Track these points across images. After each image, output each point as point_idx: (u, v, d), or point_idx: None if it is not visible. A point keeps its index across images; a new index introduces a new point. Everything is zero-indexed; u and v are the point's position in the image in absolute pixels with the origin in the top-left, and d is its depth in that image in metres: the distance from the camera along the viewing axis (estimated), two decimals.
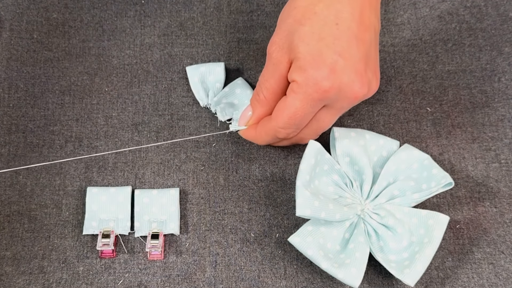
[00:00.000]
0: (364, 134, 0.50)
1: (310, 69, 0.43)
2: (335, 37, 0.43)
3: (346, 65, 0.43)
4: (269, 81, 0.46)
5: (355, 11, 0.44)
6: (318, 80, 0.42)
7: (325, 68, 0.43)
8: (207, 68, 0.54)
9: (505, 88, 0.56)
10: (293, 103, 0.44)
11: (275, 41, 0.45)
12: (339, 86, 0.43)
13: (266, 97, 0.47)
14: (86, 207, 0.49)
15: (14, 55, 0.56)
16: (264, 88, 0.47)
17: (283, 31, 0.45)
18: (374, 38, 0.45)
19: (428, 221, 0.47)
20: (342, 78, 0.43)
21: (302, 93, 0.43)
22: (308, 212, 0.45)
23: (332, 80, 0.43)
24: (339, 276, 0.44)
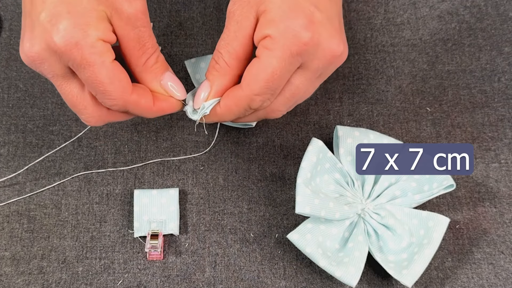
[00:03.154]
0: (368, 134, 0.50)
1: (286, 19, 0.37)
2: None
3: (323, 17, 0.38)
4: (231, 44, 0.40)
5: None
6: (296, 30, 0.37)
7: (304, 18, 0.37)
8: (207, 63, 0.54)
9: (505, 88, 0.56)
10: (269, 62, 0.38)
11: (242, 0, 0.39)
12: (318, 39, 0.38)
13: (229, 63, 0.40)
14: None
15: (13, 55, 0.56)
16: (226, 52, 0.40)
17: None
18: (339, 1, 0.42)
19: (428, 222, 0.47)
20: (321, 31, 0.38)
21: (279, 48, 0.38)
22: (307, 210, 0.44)
23: (312, 32, 0.38)
24: (337, 274, 0.44)
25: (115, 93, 0.38)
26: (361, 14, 0.59)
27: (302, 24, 0.38)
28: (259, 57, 0.39)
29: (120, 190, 0.51)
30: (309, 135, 0.53)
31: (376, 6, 0.60)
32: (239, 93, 0.40)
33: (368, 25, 0.59)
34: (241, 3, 0.39)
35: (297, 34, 0.37)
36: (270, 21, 0.38)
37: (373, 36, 0.58)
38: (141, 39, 0.39)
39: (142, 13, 0.38)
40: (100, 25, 0.37)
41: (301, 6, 0.38)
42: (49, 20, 0.36)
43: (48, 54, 0.37)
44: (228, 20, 0.40)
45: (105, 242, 0.49)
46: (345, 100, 0.55)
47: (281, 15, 0.38)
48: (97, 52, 0.36)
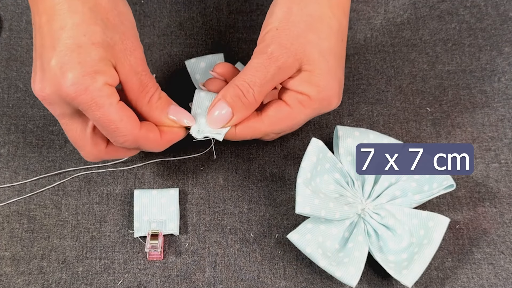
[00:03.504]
0: (368, 134, 0.50)
1: (328, 89, 0.42)
2: (342, 56, 0.43)
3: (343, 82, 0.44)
4: (265, 86, 0.42)
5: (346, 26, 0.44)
6: (331, 99, 0.43)
7: (337, 88, 0.43)
8: (207, 63, 0.54)
9: (505, 88, 0.56)
10: (299, 116, 0.43)
11: (285, 44, 0.41)
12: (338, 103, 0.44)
13: (258, 100, 0.43)
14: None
15: (13, 55, 0.56)
16: (258, 91, 0.42)
17: (296, 37, 0.41)
18: None
19: (428, 222, 0.47)
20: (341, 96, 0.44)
21: (312, 109, 0.43)
22: (307, 210, 0.45)
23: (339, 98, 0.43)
24: (337, 274, 0.44)
25: (125, 129, 0.41)
26: (361, 14, 0.59)
27: (335, 93, 0.43)
28: (290, 107, 0.43)
29: (120, 190, 0.51)
30: (309, 135, 0.53)
31: (376, 6, 0.60)
32: (259, 126, 0.44)
33: (368, 25, 0.59)
34: (287, 52, 0.41)
35: (330, 103, 0.43)
36: (315, 84, 0.42)
37: (373, 36, 0.58)
38: (143, 82, 0.42)
39: (141, 60, 0.42)
40: (106, 72, 0.39)
41: (339, 75, 0.43)
42: (59, 67, 0.38)
43: (58, 97, 0.39)
44: (268, 60, 0.42)
45: (105, 242, 0.49)
46: (345, 100, 0.55)
47: (326, 83, 0.42)
48: (105, 95, 0.39)
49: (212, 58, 0.54)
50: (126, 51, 0.41)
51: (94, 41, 0.39)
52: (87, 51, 0.39)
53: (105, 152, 0.45)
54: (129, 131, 0.41)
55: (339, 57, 0.43)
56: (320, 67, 0.42)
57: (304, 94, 0.42)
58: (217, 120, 0.44)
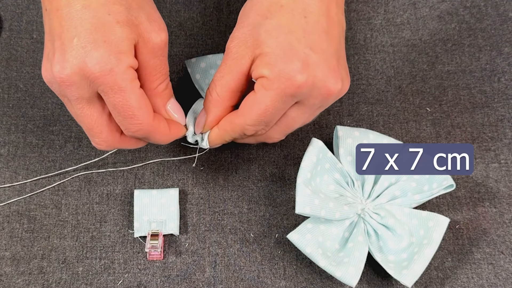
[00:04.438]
0: (368, 134, 0.50)
1: (281, 63, 0.40)
2: (305, 31, 0.41)
3: (318, 59, 0.40)
4: (225, 78, 0.43)
5: (322, 5, 0.41)
6: (291, 74, 0.40)
7: (298, 62, 0.40)
8: (207, 63, 0.54)
9: (505, 88, 0.56)
10: (264, 100, 0.41)
11: (236, 35, 0.42)
12: (312, 81, 0.40)
13: (220, 95, 0.43)
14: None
15: (13, 55, 0.56)
16: (219, 85, 0.43)
17: (246, 26, 0.42)
18: (342, 35, 0.44)
19: (428, 222, 0.47)
20: (316, 72, 0.40)
21: (273, 89, 0.41)
22: (307, 210, 0.45)
23: (306, 74, 0.40)
24: (337, 274, 0.44)
25: (142, 118, 0.40)
26: (361, 14, 0.59)
27: (296, 68, 0.40)
28: (256, 93, 0.42)
29: (120, 190, 0.51)
30: (309, 135, 0.53)
31: (376, 6, 0.60)
32: (235, 120, 0.43)
33: (368, 25, 0.59)
34: (238, 42, 0.42)
35: (291, 78, 0.40)
36: (266, 64, 0.40)
37: (373, 36, 0.58)
38: (159, 67, 0.42)
39: (165, 44, 0.41)
40: (130, 53, 0.39)
41: (296, 50, 0.40)
42: (83, 46, 0.37)
43: (79, 78, 0.38)
44: (225, 55, 0.43)
45: (105, 242, 0.49)
46: (345, 100, 0.55)
47: (276, 59, 0.40)
48: (128, 79, 0.39)
49: (212, 58, 0.54)
50: (152, 32, 0.40)
51: (119, 19, 0.38)
52: (113, 30, 0.38)
53: (120, 140, 0.43)
54: (145, 120, 0.40)
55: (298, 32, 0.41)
56: (267, 45, 0.40)
57: (262, 77, 0.41)
58: (198, 123, 0.46)
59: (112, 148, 0.44)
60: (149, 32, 0.40)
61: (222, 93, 0.43)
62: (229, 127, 0.44)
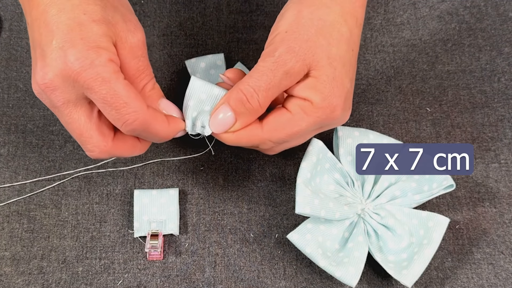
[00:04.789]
0: (368, 134, 0.50)
1: (333, 96, 0.40)
2: (351, 65, 0.41)
3: (351, 93, 0.42)
4: (272, 90, 0.40)
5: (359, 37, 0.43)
6: (335, 108, 0.40)
7: (343, 97, 0.41)
8: (207, 63, 0.54)
9: (505, 88, 0.56)
10: (300, 123, 0.41)
11: (294, 48, 0.40)
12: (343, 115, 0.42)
13: (262, 106, 0.41)
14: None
15: (13, 55, 0.56)
16: (263, 96, 0.40)
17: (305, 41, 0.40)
18: None
19: (428, 222, 0.47)
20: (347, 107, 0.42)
21: (315, 117, 0.40)
22: (307, 210, 0.45)
23: (344, 110, 0.41)
24: (336, 274, 0.44)
25: (135, 104, 0.38)
26: None
27: (340, 103, 0.41)
28: (292, 113, 0.41)
29: (120, 190, 0.51)
30: None
31: (376, 6, 0.60)
32: (257, 133, 0.42)
33: (368, 25, 0.59)
34: (295, 56, 0.40)
35: (334, 111, 0.41)
36: (318, 91, 0.40)
37: (373, 36, 0.58)
38: (140, 68, 0.41)
39: (142, 43, 0.41)
40: (109, 48, 0.38)
41: (345, 84, 0.41)
42: (61, 47, 0.37)
43: (61, 80, 0.37)
44: (275, 64, 0.40)
45: (105, 242, 0.49)
46: None
47: (331, 90, 0.40)
48: (111, 70, 0.38)
49: (212, 58, 0.55)
50: (128, 32, 0.39)
51: (95, 18, 0.38)
52: (89, 28, 0.37)
53: (112, 145, 0.41)
54: (139, 106, 0.38)
55: (348, 66, 0.41)
56: (326, 73, 0.40)
57: (307, 100, 0.40)
58: (220, 124, 0.42)
59: (106, 155, 0.41)
60: (125, 31, 0.39)
61: (265, 104, 0.41)
62: (246, 138, 0.43)
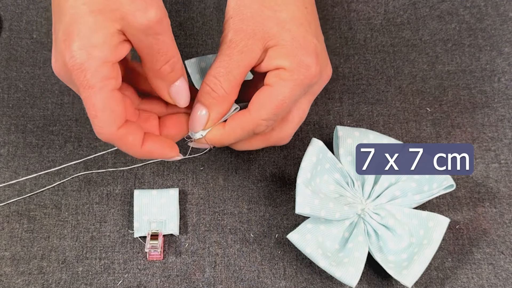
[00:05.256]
0: (368, 134, 0.50)
1: (301, 54, 0.41)
2: (309, 22, 0.42)
3: (321, 48, 0.43)
4: (232, 72, 0.41)
5: None
6: (309, 65, 0.41)
7: (312, 53, 0.41)
8: (207, 63, 0.54)
9: (505, 88, 0.56)
10: (282, 91, 0.41)
11: (241, 27, 0.41)
12: (320, 69, 0.42)
13: (228, 91, 0.41)
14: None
15: (13, 55, 0.56)
16: (226, 80, 0.41)
17: (250, 18, 0.41)
18: None
19: (428, 222, 0.47)
20: (321, 61, 0.42)
21: (293, 80, 0.41)
22: (307, 210, 0.45)
23: (318, 64, 0.42)
24: (337, 275, 0.44)
25: (102, 123, 0.38)
26: (361, 14, 0.59)
27: (312, 59, 0.41)
28: (271, 85, 0.41)
29: (120, 190, 0.51)
30: (309, 135, 0.53)
31: (376, 6, 0.60)
32: (246, 117, 0.42)
33: (368, 25, 0.59)
34: (245, 34, 0.41)
35: (309, 69, 0.41)
36: (285, 55, 0.41)
37: (373, 36, 0.58)
38: (154, 47, 0.39)
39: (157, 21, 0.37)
40: (106, 44, 0.37)
41: (309, 41, 0.42)
42: (64, 40, 0.37)
43: (64, 72, 0.38)
44: (228, 48, 0.41)
45: (105, 242, 0.49)
46: (345, 100, 0.55)
47: (295, 50, 0.41)
48: (99, 77, 0.37)
49: (212, 58, 0.54)
50: (137, 11, 0.37)
51: (93, 8, 0.36)
52: (86, 21, 0.36)
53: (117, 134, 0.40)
54: (106, 126, 0.38)
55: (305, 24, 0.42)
56: (283, 38, 0.41)
57: (279, 68, 0.41)
58: (196, 121, 0.43)
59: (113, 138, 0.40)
60: (133, 12, 0.37)
61: (230, 89, 0.41)
62: (238, 126, 0.42)
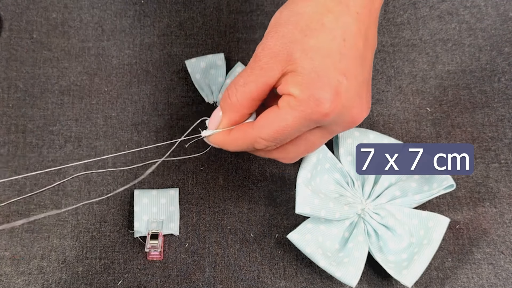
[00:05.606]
0: (368, 134, 0.50)
1: (313, 87, 0.39)
2: (342, 55, 0.39)
3: (349, 87, 0.39)
4: (248, 86, 0.41)
5: (362, 26, 0.40)
6: (320, 101, 0.39)
7: (330, 90, 0.39)
8: (207, 63, 0.54)
9: (505, 88, 0.56)
10: (286, 117, 0.40)
11: (269, 45, 0.40)
12: (340, 109, 0.39)
13: (240, 102, 0.42)
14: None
15: (13, 55, 0.56)
16: (241, 91, 0.41)
17: (280, 37, 0.40)
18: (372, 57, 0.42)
19: (428, 222, 0.47)
20: (344, 101, 0.39)
21: (299, 111, 0.39)
22: (307, 210, 0.45)
23: (335, 104, 0.39)
24: (337, 274, 0.44)
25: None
26: None
27: (327, 96, 0.39)
28: (279, 108, 0.40)
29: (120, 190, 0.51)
30: None
31: None
32: (249, 131, 0.42)
33: None
34: (270, 52, 0.40)
35: (320, 104, 0.39)
36: (298, 84, 0.39)
37: None
38: None
39: None
40: None
41: (330, 76, 0.39)
42: None
43: None
44: (253, 61, 0.41)
45: (105, 242, 0.49)
46: None
47: (310, 81, 0.39)
48: None
49: (212, 58, 0.55)
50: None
51: None
52: None
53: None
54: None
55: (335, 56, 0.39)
56: (302, 65, 0.39)
57: (290, 95, 0.40)
58: (212, 121, 0.44)
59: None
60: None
61: (242, 100, 0.42)
62: (240, 136, 0.43)
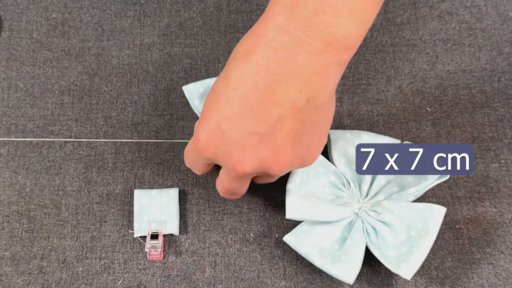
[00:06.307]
0: (361, 135, 0.50)
1: (198, 124, 0.41)
2: (228, 102, 0.40)
3: (227, 132, 0.40)
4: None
5: (262, 81, 0.39)
6: (197, 137, 0.41)
7: (206, 129, 0.41)
8: (205, 88, 0.52)
9: (505, 88, 0.56)
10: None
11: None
12: (214, 151, 0.41)
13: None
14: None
15: (13, 55, 0.56)
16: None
17: None
18: (290, 114, 0.40)
19: (424, 214, 0.47)
20: (220, 145, 0.40)
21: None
22: (297, 215, 0.45)
23: (208, 143, 0.41)
24: (332, 272, 0.44)
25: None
26: None
27: (201, 135, 0.41)
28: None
29: (120, 190, 0.51)
30: None
31: None
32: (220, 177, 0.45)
33: None
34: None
35: (197, 140, 0.41)
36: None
37: (373, 36, 0.58)
38: None
39: None
40: None
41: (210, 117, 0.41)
42: None
43: None
44: None
45: (105, 242, 0.49)
46: (345, 100, 0.55)
47: (199, 119, 0.42)
48: None
49: (210, 82, 0.52)
50: None
51: None
52: None
53: None
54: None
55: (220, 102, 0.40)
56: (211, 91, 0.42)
57: None
58: None
59: None
60: None
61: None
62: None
